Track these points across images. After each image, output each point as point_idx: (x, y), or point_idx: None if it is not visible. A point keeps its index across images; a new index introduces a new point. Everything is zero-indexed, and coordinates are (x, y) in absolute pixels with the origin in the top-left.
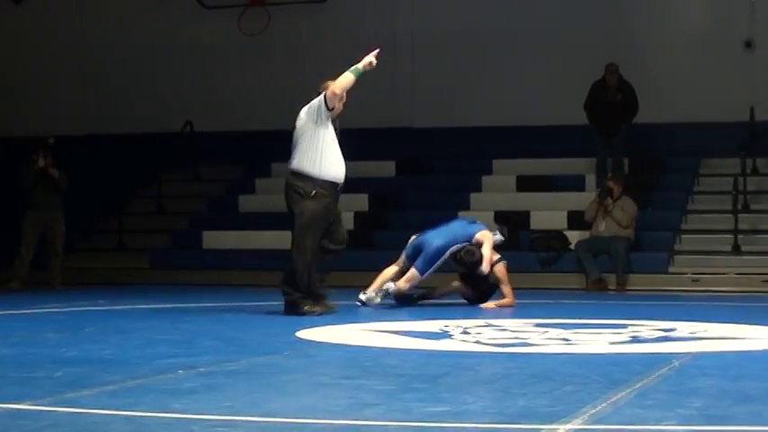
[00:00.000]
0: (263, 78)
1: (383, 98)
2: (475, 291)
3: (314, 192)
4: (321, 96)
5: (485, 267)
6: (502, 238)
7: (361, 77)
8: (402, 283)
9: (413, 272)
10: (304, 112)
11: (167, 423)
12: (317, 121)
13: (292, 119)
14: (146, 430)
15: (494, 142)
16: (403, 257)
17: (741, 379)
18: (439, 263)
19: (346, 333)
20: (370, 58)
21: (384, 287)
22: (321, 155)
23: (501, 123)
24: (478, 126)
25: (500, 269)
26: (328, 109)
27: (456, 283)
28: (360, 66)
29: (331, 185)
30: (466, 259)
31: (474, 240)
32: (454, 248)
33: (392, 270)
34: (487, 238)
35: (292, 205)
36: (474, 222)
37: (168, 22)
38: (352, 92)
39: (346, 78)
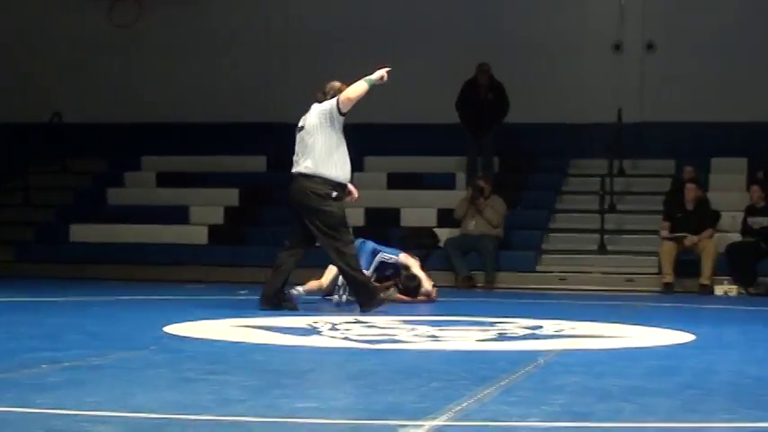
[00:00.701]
0: (135, 71)
1: (255, 93)
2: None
3: (334, 193)
4: (334, 101)
5: (427, 288)
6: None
7: (372, 88)
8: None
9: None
10: (314, 115)
11: (29, 419)
12: (331, 125)
13: (161, 112)
14: (7, 426)
15: (365, 139)
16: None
17: (604, 376)
18: (375, 262)
19: (214, 328)
20: (382, 72)
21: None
22: (335, 157)
23: (372, 120)
24: (350, 123)
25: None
26: (341, 114)
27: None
28: (373, 78)
29: (342, 187)
30: (408, 285)
31: (400, 262)
32: (385, 256)
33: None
34: (411, 261)
35: (310, 208)
36: (389, 246)
37: (39, 10)
38: (226, 85)
39: (361, 87)
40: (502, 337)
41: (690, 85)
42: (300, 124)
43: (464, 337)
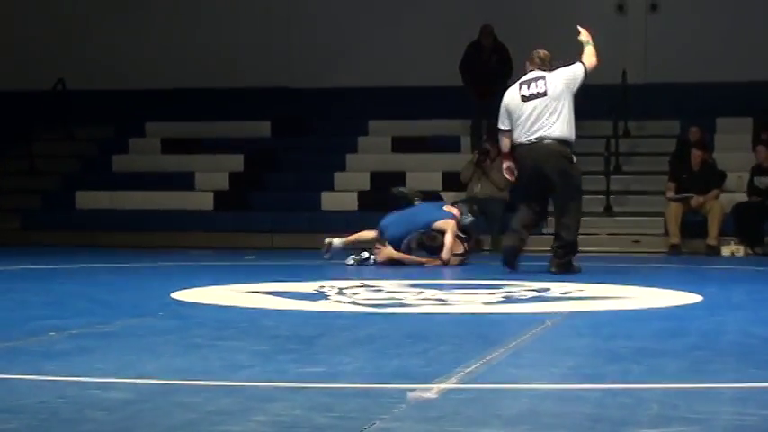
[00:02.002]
0: (138, 37)
1: (259, 57)
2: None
3: (574, 158)
4: (581, 68)
5: (444, 255)
6: (471, 219)
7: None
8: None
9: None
10: (560, 82)
11: (40, 385)
12: (573, 91)
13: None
14: (18, 393)
15: (369, 103)
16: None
17: (613, 338)
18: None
19: (221, 294)
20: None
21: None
22: (574, 122)
23: (377, 84)
24: (354, 87)
25: (455, 261)
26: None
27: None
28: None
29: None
30: (427, 243)
31: (434, 227)
32: (411, 237)
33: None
34: (449, 227)
35: (560, 171)
36: (440, 208)
37: None
38: (229, 50)
39: (595, 50)
40: (509, 299)
41: (694, 45)
42: (533, 91)
43: (471, 301)
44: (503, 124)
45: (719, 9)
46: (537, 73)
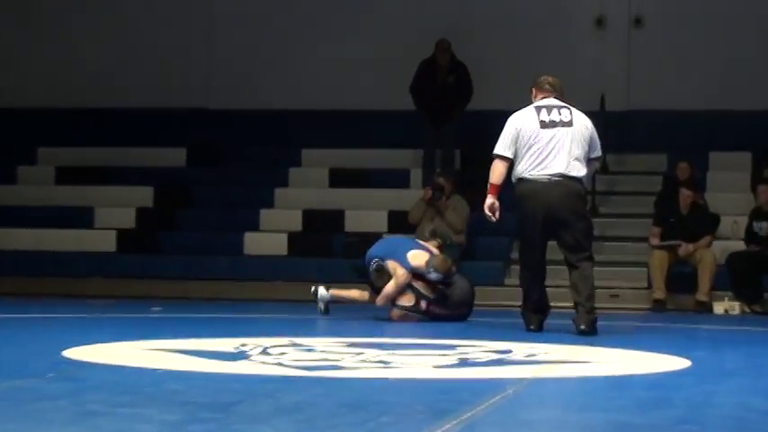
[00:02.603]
0: (29, 49)
1: (174, 75)
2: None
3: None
4: (597, 141)
5: (378, 300)
6: (436, 275)
7: None
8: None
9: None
10: (588, 123)
11: None
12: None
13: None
14: None
15: (303, 129)
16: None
17: (585, 409)
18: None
19: (123, 352)
20: None
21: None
22: None
23: (312, 107)
24: (286, 109)
25: (396, 315)
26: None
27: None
28: None
29: None
30: (372, 277)
31: (386, 264)
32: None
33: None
34: (397, 273)
35: (578, 213)
36: (407, 251)
37: None
38: (140, 68)
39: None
40: (464, 362)
41: (684, 66)
42: (556, 118)
43: (420, 364)
44: (505, 150)
45: (714, 26)
46: (555, 101)
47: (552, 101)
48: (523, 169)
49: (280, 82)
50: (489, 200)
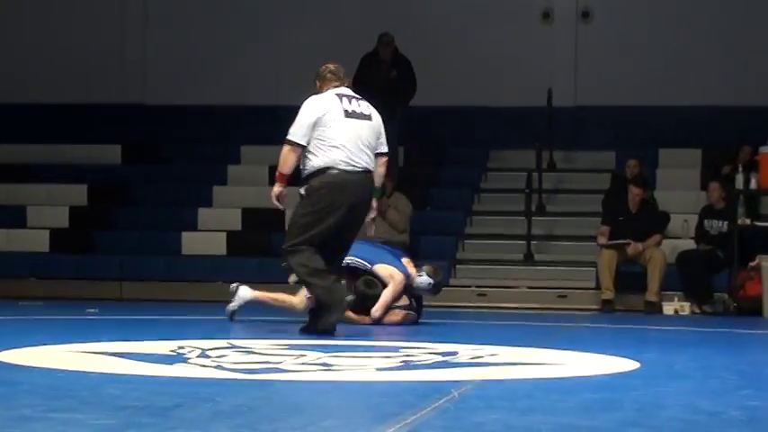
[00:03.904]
0: None
1: (107, 67)
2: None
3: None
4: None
5: (375, 311)
6: (429, 282)
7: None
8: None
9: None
10: (378, 116)
11: None
12: None
13: None
14: None
15: (242, 125)
16: None
17: (531, 412)
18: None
19: (57, 355)
20: None
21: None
22: None
23: (251, 103)
24: (224, 105)
25: (392, 318)
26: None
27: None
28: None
29: None
30: (358, 291)
31: (374, 270)
32: (348, 261)
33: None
34: (394, 278)
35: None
36: (398, 257)
37: None
38: (72, 63)
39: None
40: (408, 365)
41: (633, 61)
42: (356, 109)
43: (362, 366)
44: (299, 137)
45: (663, 20)
46: (350, 91)
47: (347, 90)
48: (331, 160)
49: (218, 78)
50: (278, 188)
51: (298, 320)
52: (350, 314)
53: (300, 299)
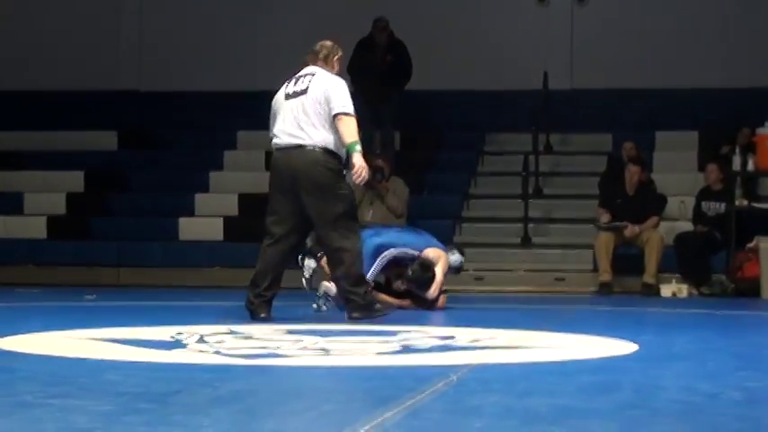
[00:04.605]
0: None
1: (103, 54)
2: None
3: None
4: (335, 101)
5: (432, 292)
6: (461, 259)
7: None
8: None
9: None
10: (327, 84)
11: None
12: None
13: None
14: None
15: (238, 110)
16: None
17: (530, 395)
18: (379, 263)
19: (56, 342)
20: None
21: (323, 289)
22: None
23: (247, 88)
24: (220, 91)
25: (443, 301)
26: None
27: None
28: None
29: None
30: (415, 275)
31: (423, 255)
32: (396, 253)
33: None
34: (443, 259)
35: (321, 186)
36: (421, 233)
37: None
38: (68, 49)
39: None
40: (406, 349)
41: (628, 44)
42: (298, 88)
43: (361, 351)
44: (269, 129)
45: (660, 1)
46: (308, 69)
47: (304, 70)
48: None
49: (213, 63)
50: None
51: (298, 304)
52: (387, 298)
53: None
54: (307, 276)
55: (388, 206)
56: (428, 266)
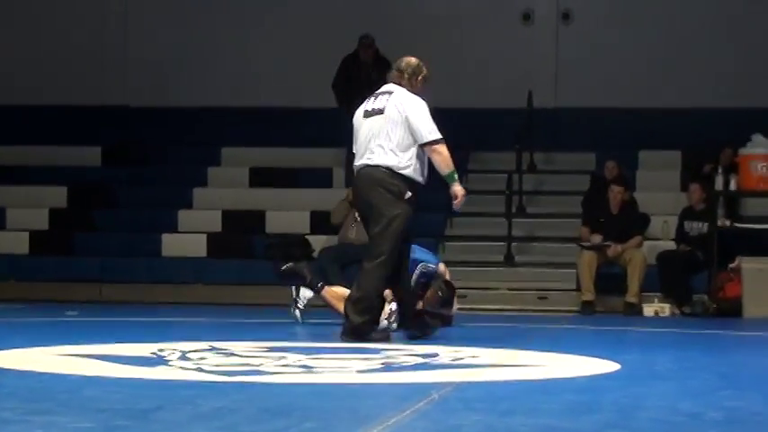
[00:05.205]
0: None
1: (88, 69)
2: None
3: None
4: (420, 128)
5: (455, 309)
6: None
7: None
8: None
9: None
10: (403, 107)
11: None
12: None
13: None
14: None
15: (223, 127)
16: None
17: (512, 414)
18: (416, 277)
19: (36, 358)
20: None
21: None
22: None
23: (232, 104)
24: (205, 107)
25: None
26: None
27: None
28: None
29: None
30: (445, 295)
31: (438, 271)
32: (424, 269)
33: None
34: (448, 273)
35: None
36: (429, 251)
37: None
38: (53, 64)
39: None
40: (388, 367)
41: (613, 63)
42: (376, 106)
43: (343, 368)
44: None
45: (643, 22)
46: (387, 87)
47: (384, 87)
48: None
49: (198, 80)
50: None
51: (281, 322)
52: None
53: None
54: (301, 307)
55: None
56: (451, 284)
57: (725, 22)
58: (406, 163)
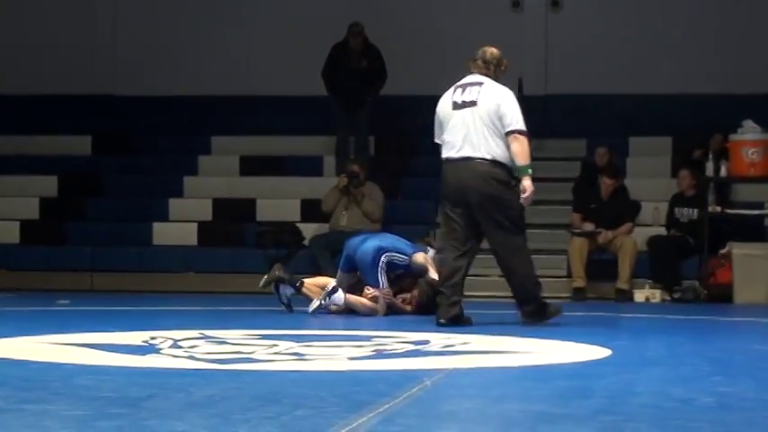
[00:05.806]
0: None
1: (77, 58)
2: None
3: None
4: (510, 118)
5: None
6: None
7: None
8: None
9: (373, 293)
10: (497, 98)
11: None
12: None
13: None
14: None
15: (212, 115)
16: (339, 274)
17: (504, 400)
18: (381, 271)
19: (28, 347)
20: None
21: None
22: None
23: (222, 93)
24: (194, 95)
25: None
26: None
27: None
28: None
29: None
30: (429, 297)
31: (413, 261)
32: (392, 257)
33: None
34: (430, 261)
35: (488, 194)
36: (399, 239)
37: None
38: (42, 53)
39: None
40: (380, 354)
41: (602, 50)
42: (466, 98)
43: (334, 355)
44: (437, 137)
45: (633, 8)
46: (472, 77)
47: (470, 78)
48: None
49: (187, 68)
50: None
51: (272, 309)
52: (363, 301)
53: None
54: (285, 302)
55: (365, 211)
56: (432, 283)
57: (714, 8)
58: (504, 152)
